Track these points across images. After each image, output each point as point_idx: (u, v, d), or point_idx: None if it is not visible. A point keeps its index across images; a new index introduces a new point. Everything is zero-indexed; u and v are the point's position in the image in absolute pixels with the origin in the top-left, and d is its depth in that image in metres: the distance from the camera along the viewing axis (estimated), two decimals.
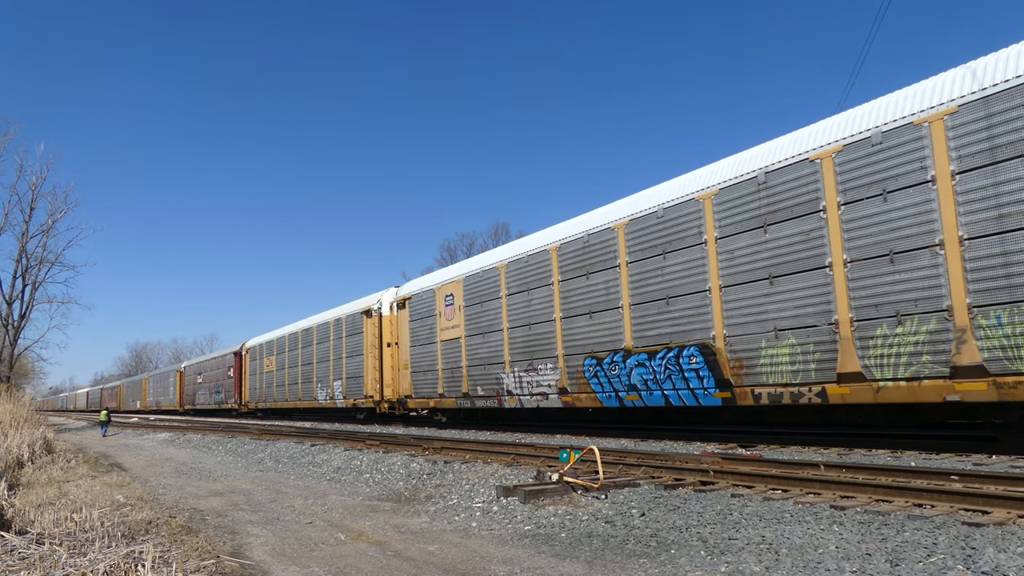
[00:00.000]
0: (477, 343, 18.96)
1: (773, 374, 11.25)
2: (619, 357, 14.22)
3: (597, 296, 14.83)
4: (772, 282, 11.27)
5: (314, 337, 31.36)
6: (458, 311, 19.91)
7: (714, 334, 12.19)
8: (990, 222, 8.76)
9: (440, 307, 20.96)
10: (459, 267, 21.43)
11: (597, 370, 14.77)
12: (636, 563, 5.48)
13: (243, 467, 15.04)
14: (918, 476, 7.13)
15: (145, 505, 9.28)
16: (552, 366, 16.09)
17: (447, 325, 20.51)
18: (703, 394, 12.46)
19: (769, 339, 11.30)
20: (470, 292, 19.43)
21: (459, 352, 19.76)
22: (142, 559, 5.35)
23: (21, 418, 21.29)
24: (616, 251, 14.44)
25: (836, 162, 10.47)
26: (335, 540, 6.98)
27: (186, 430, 28.08)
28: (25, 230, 43.25)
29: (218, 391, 46.07)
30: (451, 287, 20.55)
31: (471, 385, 19.15)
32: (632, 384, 13.86)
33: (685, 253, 12.87)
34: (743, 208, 11.84)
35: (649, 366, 13.49)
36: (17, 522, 7.24)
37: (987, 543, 4.83)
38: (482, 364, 18.69)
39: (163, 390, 61.78)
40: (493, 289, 18.41)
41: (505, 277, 17.91)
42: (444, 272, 22.51)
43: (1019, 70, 8.66)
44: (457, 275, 20.53)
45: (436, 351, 21.04)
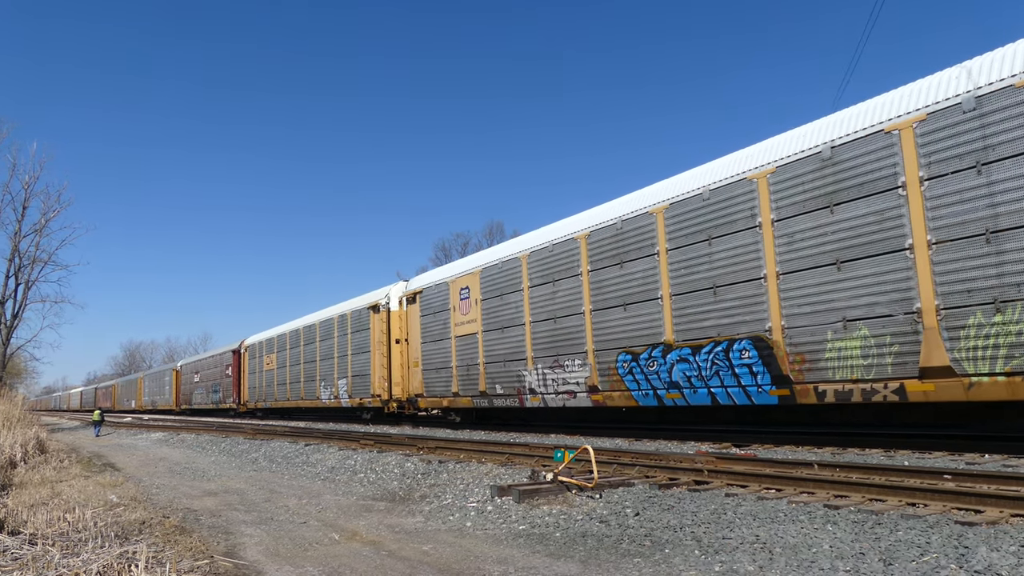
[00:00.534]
0: (495, 338, 18.03)
1: (841, 369, 10.26)
2: (658, 352, 13.25)
3: (632, 286, 13.88)
4: (840, 267, 10.28)
5: (317, 334, 30.49)
6: (474, 305, 18.93)
7: (770, 326, 11.25)
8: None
9: (454, 301, 19.98)
10: (475, 258, 20.35)
11: (632, 366, 13.82)
12: (630, 562, 5.48)
13: (237, 467, 15.00)
14: (911, 475, 7.16)
15: (139, 505, 9.25)
16: (581, 362, 15.11)
17: (462, 320, 19.53)
18: (756, 392, 11.49)
19: (836, 330, 10.32)
20: (488, 284, 18.47)
21: (475, 348, 18.83)
22: (135, 559, 5.33)
23: (14, 418, 21.20)
24: (654, 237, 13.48)
25: (918, 133, 9.48)
26: (329, 540, 6.97)
27: (180, 430, 27.99)
28: (18, 229, 43.12)
29: (216, 390, 45.29)
30: (467, 280, 19.52)
31: (489, 383, 18.22)
32: (673, 381, 12.92)
33: (736, 238, 11.86)
34: (805, 187, 10.84)
35: (693, 361, 12.55)
36: (10, 522, 7.21)
37: (980, 542, 4.85)
38: (501, 361, 17.79)
39: (159, 389, 61.01)
40: (513, 281, 17.44)
41: (527, 268, 16.94)
42: (459, 264, 21.39)
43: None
44: (473, 267, 19.48)
45: (450, 347, 20.07)
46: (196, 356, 58.85)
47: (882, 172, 9.92)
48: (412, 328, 22.50)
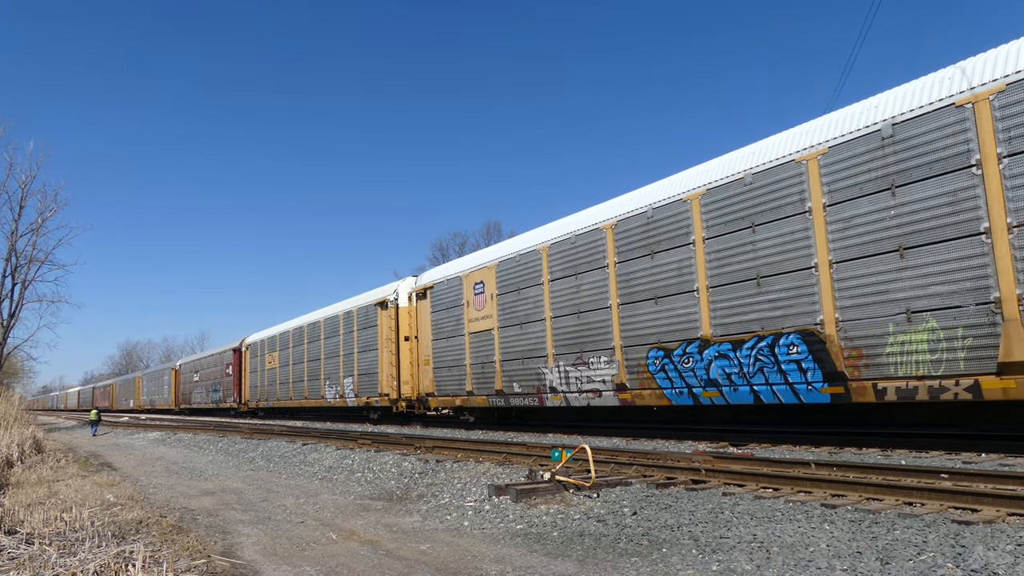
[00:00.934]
0: (513, 335, 17.17)
1: (904, 365, 9.48)
2: (694, 348, 12.48)
3: (665, 278, 13.09)
4: (903, 254, 9.53)
5: (321, 331, 29.66)
6: (490, 300, 18.06)
7: (822, 319, 10.52)
8: None
9: (468, 296, 19.10)
10: (490, 251, 19.47)
11: (665, 363, 13.03)
12: (628, 562, 5.49)
13: (234, 466, 14.98)
14: (908, 474, 7.17)
15: (135, 505, 9.23)
16: (607, 359, 14.27)
17: (476, 316, 18.66)
18: (806, 389, 10.78)
19: (899, 323, 9.55)
20: (504, 278, 17.61)
21: (491, 345, 17.94)
22: (132, 559, 5.32)
23: (10, 417, 21.15)
24: (689, 226, 12.67)
25: (995, 106, 8.77)
26: (326, 539, 6.97)
27: (177, 429, 27.96)
28: (15, 228, 42.94)
29: (216, 389, 44.44)
30: (481, 274, 18.63)
31: (506, 381, 17.36)
32: (711, 379, 12.14)
33: (782, 225, 11.13)
34: (862, 168, 10.09)
35: (733, 357, 11.78)
36: (6, 522, 7.19)
37: (977, 541, 4.86)
38: (519, 358, 16.92)
39: (157, 389, 60.16)
40: (533, 274, 16.61)
41: (547, 261, 16.08)
42: (472, 257, 20.36)
43: None
44: (488, 260, 18.59)
45: (463, 344, 19.20)
46: (195, 355, 57.50)
47: (952, 150, 9.18)
48: (422, 325, 21.66)
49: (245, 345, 40.17)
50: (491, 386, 17.93)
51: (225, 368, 42.65)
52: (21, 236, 43.35)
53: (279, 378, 34.36)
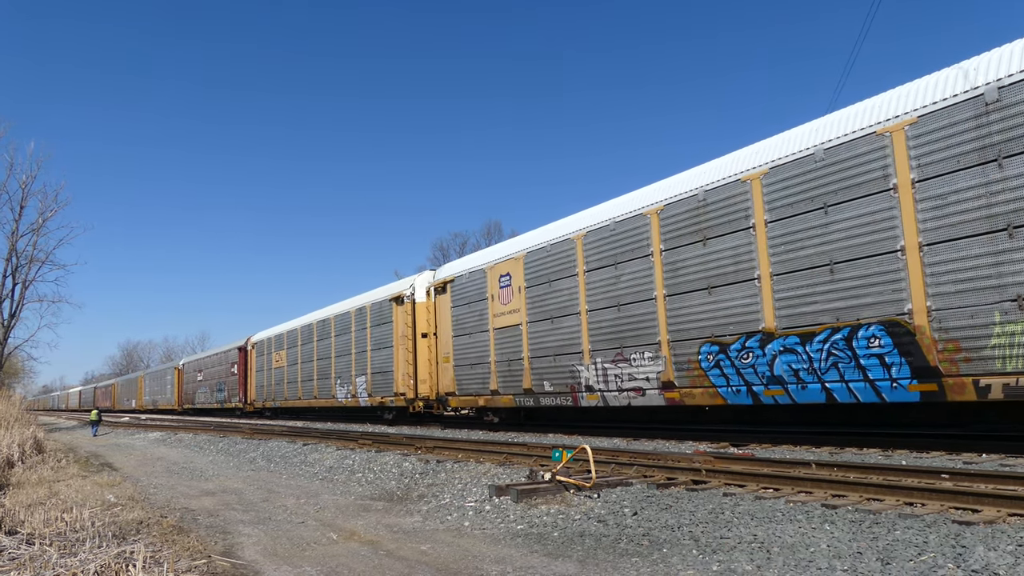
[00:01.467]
0: (544, 330, 16.12)
1: (1015, 359, 8.50)
2: (754, 342, 11.47)
3: (720, 266, 12.09)
4: (1012, 234, 8.51)
5: (332, 329, 28.53)
6: (517, 293, 16.99)
7: (910, 307, 9.50)
8: None
9: (493, 289, 18.00)
10: (517, 241, 18.18)
11: (720, 359, 12.04)
12: (628, 562, 5.49)
13: (235, 466, 14.99)
14: (909, 475, 7.16)
15: (136, 505, 9.24)
16: (652, 355, 13.23)
17: (503, 310, 17.55)
18: (890, 387, 9.73)
19: (1006, 311, 8.56)
20: (534, 270, 16.55)
21: (519, 341, 16.91)
22: (133, 559, 5.33)
23: (11, 418, 21.17)
24: (748, 209, 11.64)
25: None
26: (327, 540, 6.97)
27: (177, 429, 27.97)
28: (15, 228, 43.04)
29: (220, 389, 43.51)
30: (507, 265, 17.50)
31: (535, 380, 16.30)
32: (775, 375, 11.13)
33: (860, 205, 10.11)
34: (959, 141, 9.09)
35: (802, 352, 10.75)
36: (7, 522, 7.20)
37: (977, 541, 4.85)
38: (550, 354, 15.88)
39: (160, 389, 59.41)
40: (566, 265, 15.52)
41: (583, 250, 15.02)
42: (498, 248, 19.09)
43: None
44: (515, 251, 17.47)
45: (487, 340, 18.12)
46: (199, 354, 55.88)
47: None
48: (442, 320, 20.52)
49: (251, 343, 39.25)
50: (519, 385, 16.94)
51: (230, 367, 41.87)
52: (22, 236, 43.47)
53: (287, 377, 33.42)
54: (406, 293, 22.69)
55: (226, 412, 43.52)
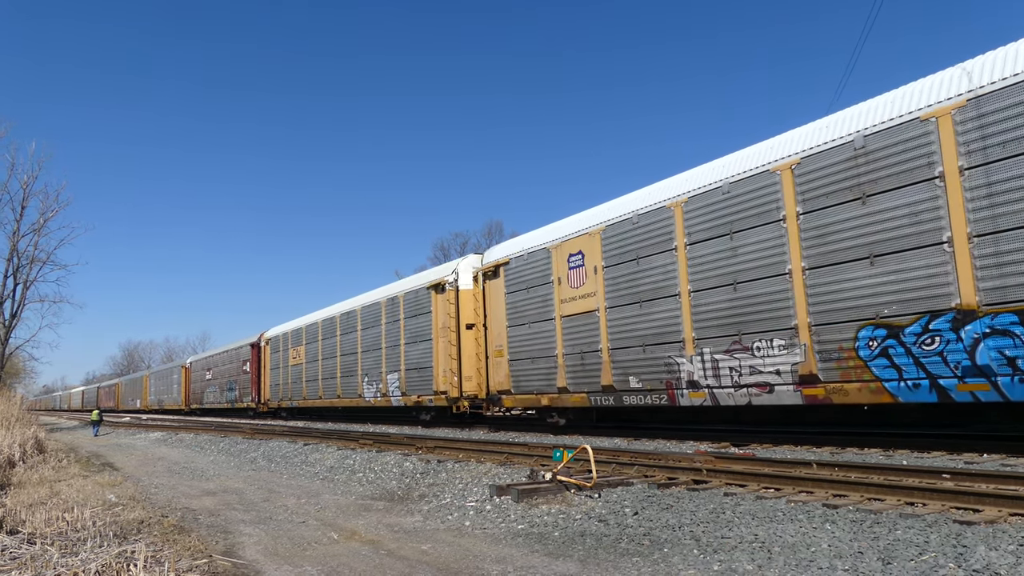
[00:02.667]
0: (629, 316, 13.82)
1: None
2: (943, 323, 9.23)
3: (887, 230, 9.82)
4: None
5: (358, 321, 26.12)
6: (593, 274, 14.76)
7: None
8: None
9: (559, 271, 15.77)
10: (592, 214, 15.48)
11: (888, 344, 9.82)
12: (629, 562, 5.49)
13: (236, 466, 15.00)
14: (910, 475, 7.16)
15: (137, 505, 9.24)
16: (784, 342, 11.02)
17: (573, 294, 15.32)
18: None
19: None
20: (615, 246, 14.27)
21: (595, 330, 14.63)
22: (134, 559, 5.33)
23: (12, 418, 21.19)
24: (931, 154, 9.35)
25: None
26: (328, 539, 6.97)
27: (178, 429, 27.99)
28: (16, 229, 43.05)
29: (231, 388, 41.16)
30: (579, 242, 15.27)
31: (618, 375, 14.03)
32: (976, 366, 8.88)
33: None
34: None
35: (1021, 335, 8.56)
36: (8, 522, 7.21)
37: (978, 541, 4.85)
38: (638, 345, 13.56)
39: (166, 388, 57.27)
40: (660, 238, 13.20)
41: (683, 219, 12.70)
42: (565, 224, 16.43)
43: None
44: (590, 225, 15.11)
45: (553, 330, 15.88)
46: (208, 351, 52.20)
47: None
48: (493, 309, 18.18)
49: (264, 339, 36.97)
50: (595, 381, 14.63)
51: (241, 365, 39.65)
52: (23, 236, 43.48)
53: (305, 375, 30.87)
54: (447, 280, 20.27)
55: (237, 413, 41.54)
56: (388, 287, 25.50)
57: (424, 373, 21.39)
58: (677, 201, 12.98)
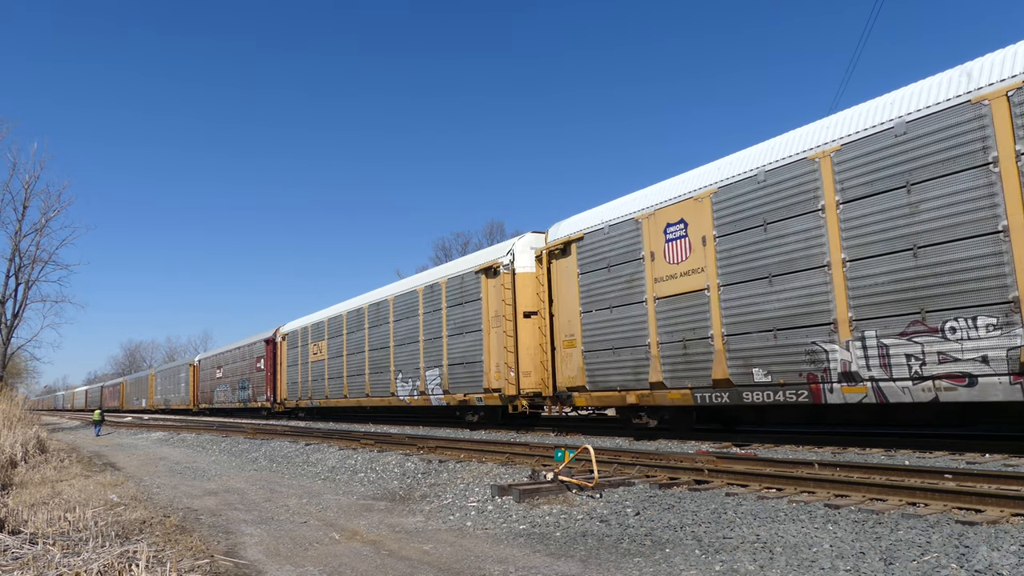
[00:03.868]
0: (753, 295, 11.53)
1: None
2: None
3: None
4: None
5: (390, 312, 23.79)
6: (700, 246, 12.52)
7: None
8: None
9: (652, 244, 13.49)
10: (696, 176, 13.16)
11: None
12: (631, 562, 5.48)
13: (237, 466, 15.01)
14: (912, 475, 7.16)
15: (139, 504, 9.25)
16: (993, 321, 8.74)
17: (672, 271, 13.06)
18: None
19: None
20: (731, 210, 11.99)
21: (703, 313, 12.36)
22: (136, 559, 5.34)
23: (14, 418, 21.22)
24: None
25: None
26: (329, 539, 6.97)
27: (180, 429, 28.01)
28: (18, 228, 43.16)
29: (243, 387, 39.00)
30: (681, 209, 12.99)
31: (736, 366, 11.75)
32: None
33: None
34: None
35: None
36: (10, 522, 7.21)
37: (980, 541, 4.85)
38: (767, 329, 11.27)
39: (173, 387, 55.32)
40: (798, 198, 10.93)
41: (834, 172, 10.48)
42: (658, 189, 13.97)
43: None
44: (696, 188, 12.82)
45: (643, 315, 13.54)
46: (218, 348, 49.20)
47: None
48: (562, 292, 15.89)
49: (280, 335, 34.68)
50: (703, 374, 12.37)
51: (255, 362, 37.44)
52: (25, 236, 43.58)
53: (328, 372, 28.51)
54: (501, 262, 17.98)
55: (250, 413, 39.17)
56: (426, 273, 23.49)
57: (472, 368, 19.06)
58: (825, 151, 10.66)
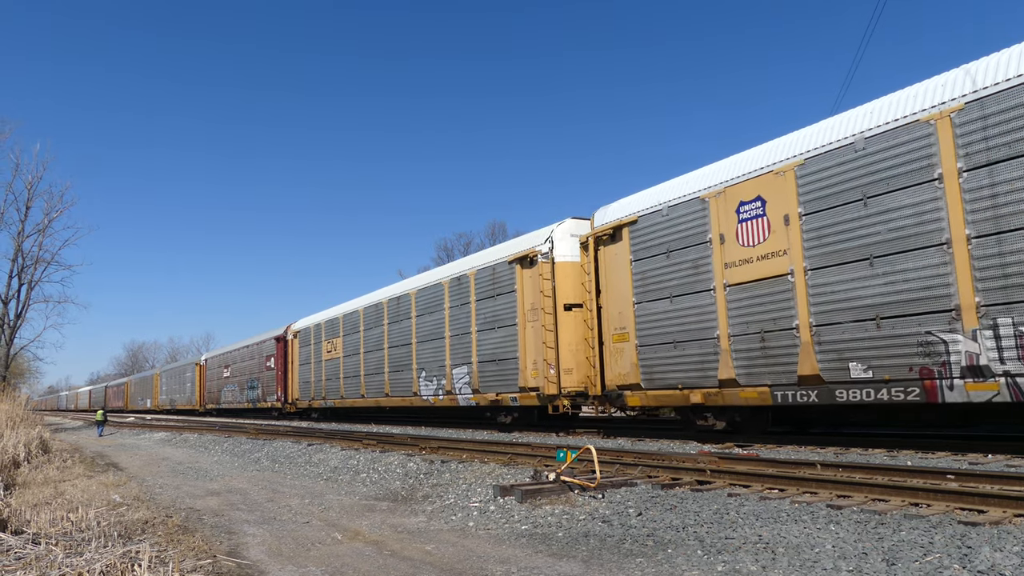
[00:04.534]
0: (849, 279, 10.30)
1: None
2: None
3: None
4: None
5: (412, 307, 22.60)
6: (782, 226, 11.25)
7: None
8: None
9: (723, 225, 12.23)
10: (774, 148, 11.78)
11: None
12: (633, 562, 5.48)
13: (240, 467, 15.02)
14: (914, 475, 7.15)
15: (141, 505, 9.26)
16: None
17: (746, 255, 11.79)
18: None
19: None
20: (821, 184, 10.77)
21: (787, 300, 11.07)
22: (138, 559, 5.34)
23: (17, 418, 21.25)
24: None
25: None
26: (332, 540, 6.98)
27: (182, 429, 28.04)
28: (21, 229, 43.33)
29: (252, 386, 37.81)
30: (757, 185, 11.73)
31: (828, 360, 10.49)
32: None
33: None
34: None
35: None
36: (13, 522, 7.22)
37: (983, 542, 4.84)
38: (867, 318, 10.04)
39: (179, 387, 54.17)
40: (907, 167, 9.73)
41: (956, 136, 9.23)
42: (727, 164, 12.63)
43: None
44: (776, 161, 11.51)
45: (711, 304, 12.31)
46: (225, 347, 47.56)
47: None
48: (612, 282, 14.68)
49: (292, 332, 33.54)
50: (785, 370, 11.11)
51: (265, 361, 36.26)
52: (28, 237, 43.76)
53: (343, 371, 27.35)
54: (539, 250, 16.78)
55: (259, 414, 37.88)
56: (452, 265, 22.37)
57: (505, 366, 17.79)
58: (943, 111, 9.38)
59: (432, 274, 23.06)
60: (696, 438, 13.09)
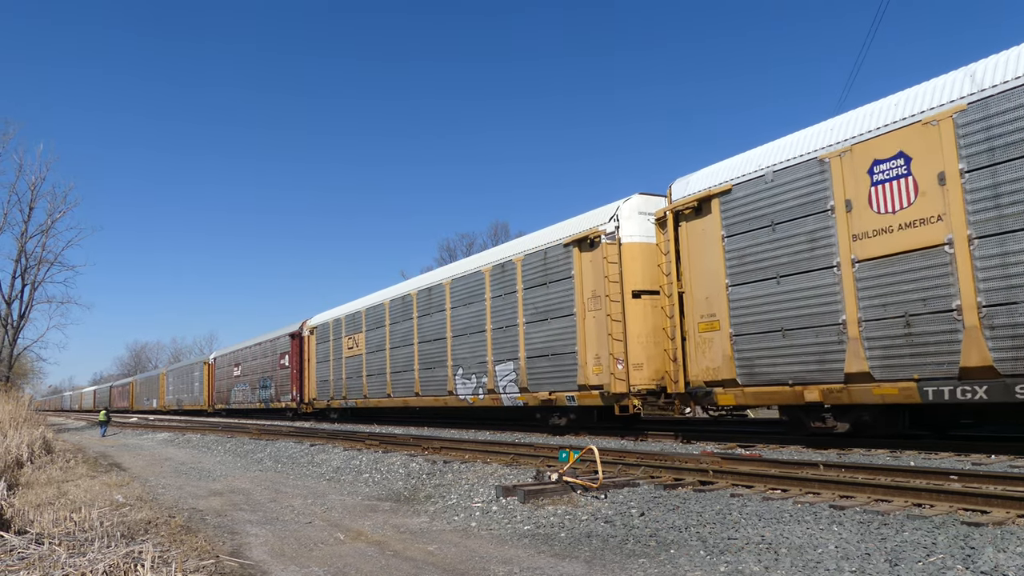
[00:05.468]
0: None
1: None
2: None
3: None
4: None
5: (446, 298, 20.59)
6: (935, 186, 9.25)
7: None
8: None
9: (851, 190, 10.23)
10: (925, 91, 9.71)
11: None
12: (635, 563, 5.48)
13: (242, 467, 15.04)
14: (917, 476, 7.13)
15: (144, 505, 9.28)
16: None
17: (885, 223, 9.82)
18: None
19: None
20: (988, 134, 8.78)
21: (942, 276, 9.12)
22: (141, 559, 5.35)
23: (20, 418, 21.29)
24: None
25: None
26: (334, 540, 6.99)
27: (185, 430, 28.08)
28: (24, 230, 43.36)
29: (265, 385, 36.02)
30: (898, 139, 9.74)
31: (1001, 349, 8.58)
32: None
33: None
34: None
35: None
36: (16, 522, 7.24)
37: (986, 543, 4.83)
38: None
39: (186, 387, 52.64)
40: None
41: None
42: (851, 117, 10.62)
43: None
44: (925, 108, 9.52)
45: (833, 283, 10.36)
46: (235, 345, 45.08)
47: None
48: (696, 263, 12.75)
49: (308, 328, 31.63)
50: (942, 360, 9.14)
51: (278, 359, 34.43)
52: (31, 237, 43.79)
53: (367, 368, 25.44)
54: (603, 230, 14.83)
55: (273, 414, 35.92)
56: (494, 251, 20.32)
57: (561, 361, 15.94)
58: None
59: (469, 262, 21.07)
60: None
